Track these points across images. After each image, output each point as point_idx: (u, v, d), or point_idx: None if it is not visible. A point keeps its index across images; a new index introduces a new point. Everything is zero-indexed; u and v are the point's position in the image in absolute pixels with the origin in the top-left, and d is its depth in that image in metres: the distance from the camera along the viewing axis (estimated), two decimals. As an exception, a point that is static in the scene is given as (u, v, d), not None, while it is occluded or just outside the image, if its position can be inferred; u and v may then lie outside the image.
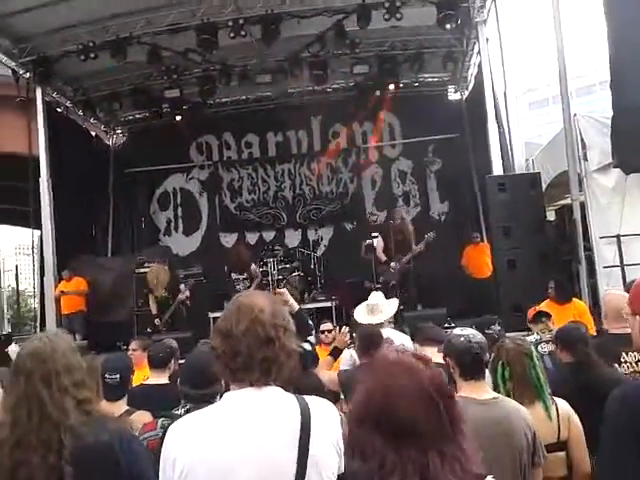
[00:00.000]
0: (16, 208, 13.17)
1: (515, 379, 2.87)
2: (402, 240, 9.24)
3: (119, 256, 12.90)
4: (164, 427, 2.57)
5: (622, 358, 3.62)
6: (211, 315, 9.82)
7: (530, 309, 5.59)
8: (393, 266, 9.22)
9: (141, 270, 10.68)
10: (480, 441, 1.89)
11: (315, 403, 1.72)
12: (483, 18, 9.67)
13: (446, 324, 7.82)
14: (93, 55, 9.73)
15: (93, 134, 13.64)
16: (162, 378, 4.10)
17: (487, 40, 9.77)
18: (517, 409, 2.69)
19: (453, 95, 13.45)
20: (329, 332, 6.06)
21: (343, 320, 8.68)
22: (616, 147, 6.10)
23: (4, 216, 11.85)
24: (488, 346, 2.83)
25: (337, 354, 4.64)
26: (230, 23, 9.37)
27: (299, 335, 2.18)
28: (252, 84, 11.54)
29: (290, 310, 2.85)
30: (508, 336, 3.64)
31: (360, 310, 5.25)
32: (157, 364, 4.15)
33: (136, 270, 10.89)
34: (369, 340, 4.15)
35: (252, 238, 13.43)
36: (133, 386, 3.70)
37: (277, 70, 11.30)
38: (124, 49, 9.74)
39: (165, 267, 9.87)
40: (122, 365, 3.47)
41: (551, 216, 9.86)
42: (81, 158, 12.12)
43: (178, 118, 12.65)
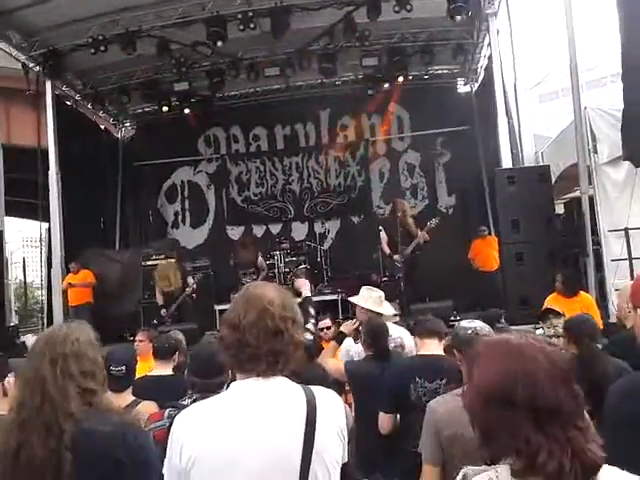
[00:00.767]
0: (24, 201, 13.23)
1: None
2: (406, 232, 9.16)
3: (127, 249, 12.95)
4: (171, 417, 2.58)
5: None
6: (217, 307, 9.89)
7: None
8: (397, 259, 9.14)
9: (148, 263, 10.74)
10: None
11: (321, 393, 1.73)
12: (494, 10, 9.61)
13: (452, 317, 7.84)
14: (103, 48, 9.76)
15: (102, 127, 13.70)
16: (167, 369, 4.11)
17: (497, 32, 9.71)
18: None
19: (463, 87, 13.38)
20: (328, 329, 5.52)
21: (349, 313, 8.68)
22: (626, 140, 6.07)
23: (12, 208, 11.90)
24: None
25: (341, 339, 4.60)
26: (239, 15, 9.36)
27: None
28: (261, 77, 11.51)
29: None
30: (517, 330, 3.63)
31: (366, 297, 4.82)
32: (162, 355, 4.16)
33: (143, 263, 10.95)
34: (375, 333, 4.14)
35: (259, 231, 13.45)
36: (137, 377, 3.71)
37: (286, 63, 11.28)
38: (133, 42, 9.77)
39: (173, 262, 9.90)
40: (128, 357, 3.47)
41: (560, 209, 9.80)
42: (90, 151, 12.19)
43: (187, 111, 12.66)
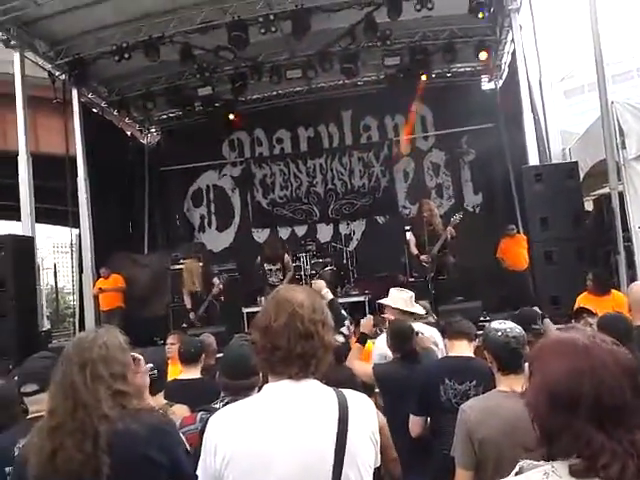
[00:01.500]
0: (54, 208, 13.48)
1: None
2: (433, 232, 9.07)
3: (155, 253, 13.09)
4: (203, 421, 2.60)
5: None
6: (245, 310, 9.91)
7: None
8: (425, 259, 9.06)
9: (176, 266, 10.84)
10: (520, 435, 1.89)
11: (352, 396, 1.73)
12: (516, 6, 9.48)
13: (481, 317, 7.73)
14: (127, 55, 9.89)
15: (128, 133, 13.89)
16: (194, 373, 4.14)
17: (521, 28, 9.59)
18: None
19: (487, 85, 13.24)
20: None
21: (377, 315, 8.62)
22: (656, 134, 5.94)
23: (42, 215, 12.12)
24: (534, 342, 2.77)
25: (364, 340, 4.59)
26: (261, 19, 9.40)
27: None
28: (283, 79, 11.55)
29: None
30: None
31: (396, 298, 4.87)
32: (189, 359, 4.19)
33: (171, 266, 11.07)
34: (399, 335, 4.11)
35: (284, 233, 13.47)
36: (168, 380, 3.74)
37: (307, 65, 11.30)
38: (157, 49, 9.88)
39: (198, 262, 9.97)
40: (159, 359, 3.50)
41: (589, 206, 9.63)
42: (117, 157, 12.39)
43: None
